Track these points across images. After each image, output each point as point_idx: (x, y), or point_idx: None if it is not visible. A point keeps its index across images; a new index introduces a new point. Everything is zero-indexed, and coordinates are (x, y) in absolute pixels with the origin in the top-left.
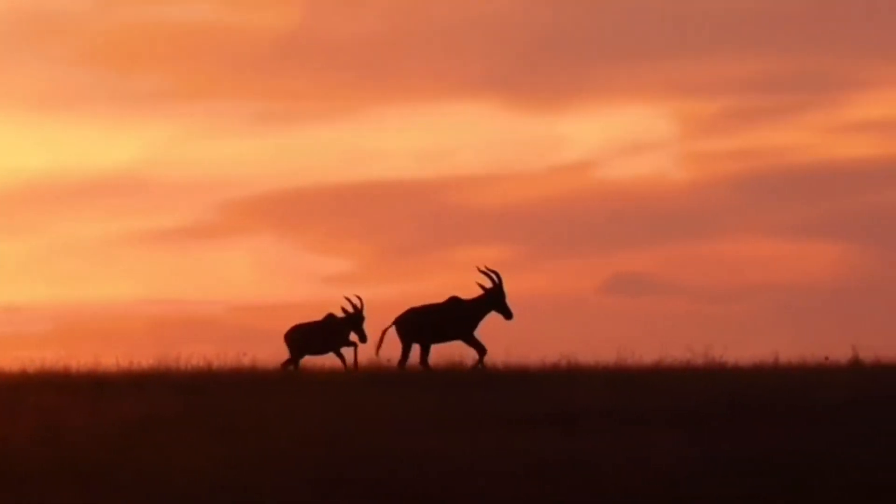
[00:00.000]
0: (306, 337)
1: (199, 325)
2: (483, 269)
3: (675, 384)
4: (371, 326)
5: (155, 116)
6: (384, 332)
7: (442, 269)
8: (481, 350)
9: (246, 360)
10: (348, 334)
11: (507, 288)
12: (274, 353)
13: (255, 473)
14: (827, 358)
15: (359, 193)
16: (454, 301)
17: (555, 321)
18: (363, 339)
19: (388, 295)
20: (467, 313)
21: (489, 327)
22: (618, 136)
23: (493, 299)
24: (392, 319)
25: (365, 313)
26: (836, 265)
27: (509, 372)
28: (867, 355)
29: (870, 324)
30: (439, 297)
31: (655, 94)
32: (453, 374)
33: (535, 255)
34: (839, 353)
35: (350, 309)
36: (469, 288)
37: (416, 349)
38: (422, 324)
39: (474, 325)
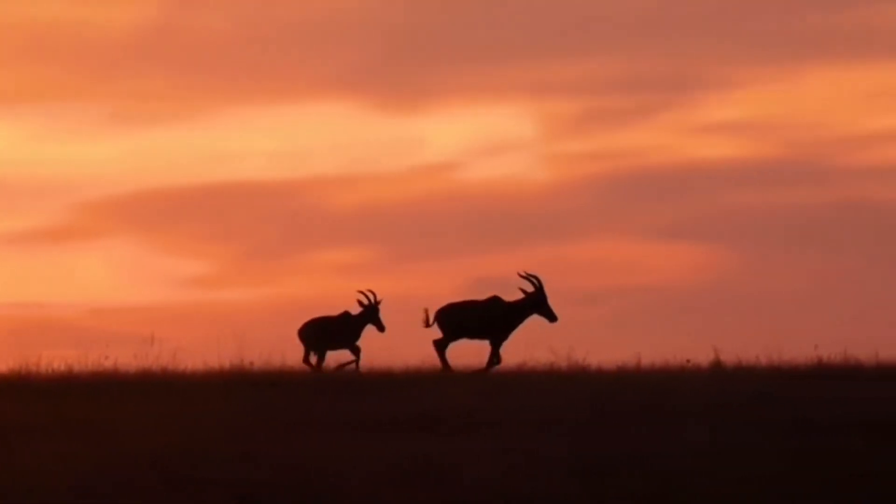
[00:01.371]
0: (319, 331)
1: (58, 329)
2: (523, 273)
3: (538, 386)
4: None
5: (5, 117)
6: (427, 315)
7: (301, 272)
8: (496, 358)
9: (107, 364)
10: (362, 329)
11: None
12: (134, 355)
13: (116, 476)
14: (689, 361)
15: (216, 195)
16: (495, 300)
17: (416, 324)
18: (382, 328)
19: (248, 298)
20: (507, 314)
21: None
22: (479, 137)
23: (534, 303)
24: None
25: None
26: (696, 267)
27: (374, 375)
28: (728, 357)
29: (730, 326)
30: (303, 299)
31: (516, 94)
32: (319, 379)
33: (396, 258)
34: (701, 355)
35: (365, 302)
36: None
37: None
38: (461, 318)
39: (512, 328)
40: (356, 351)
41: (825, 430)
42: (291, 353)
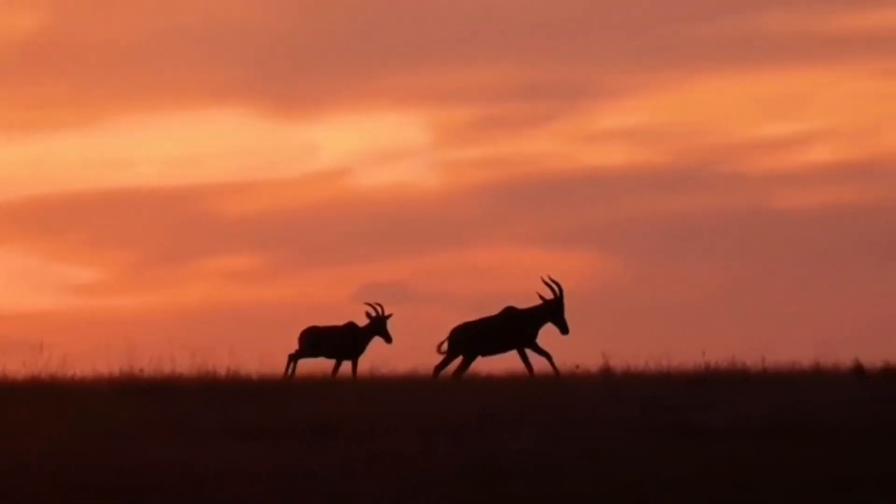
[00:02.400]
0: (319, 339)
1: None
2: (546, 279)
3: (429, 393)
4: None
5: None
6: (440, 346)
7: (194, 279)
8: (547, 356)
9: None
10: (368, 341)
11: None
12: (23, 362)
13: (4, 484)
14: (578, 366)
15: (110, 202)
16: (509, 312)
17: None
18: (389, 340)
19: (140, 305)
20: (524, 323)
21: (252, 337)
22: (372, 144)
23: (552, 311)
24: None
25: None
26: (586, 273)
27: (265, 382)
28: (617, 363)
29: (620, 331)
30: (195, 306)
31: (409, 101)
32: (212, 387)
33: (289, 264)
34: (590, 361)
35: (373, 314)
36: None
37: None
38: (476, 337)
39: (533, 335)
40: (355, 366)
41: (713, 434)
42: (181, 360)
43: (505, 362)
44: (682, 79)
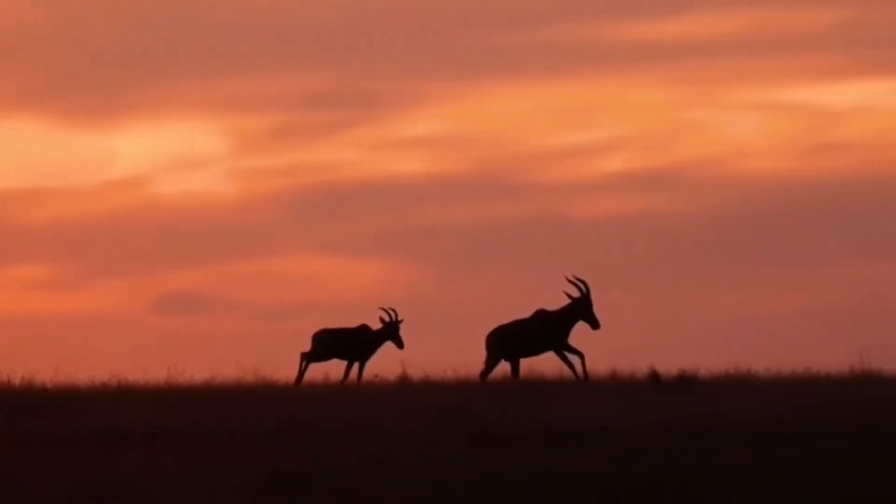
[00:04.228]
0: (333, 341)
1: None
2: (571, 278)
3: (226, 402)
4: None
5: None
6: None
7: None
8: (579, 355)
9: None
10: (379, 346)
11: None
12: None
13: None
14: (377, 375)
15: None
16: (542, 314)
17: (105, 340)
18: (401, 346)
19: None
20: (556, 324)
21: (47, 347)
22: (169, 152)
23: (580, 309)
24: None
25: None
26: (385, 281)
27: (58, 391)
28: (415, 371)
29: (419, 339)
30: None
31: (206, 110)
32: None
33: (85, 273)
34: (389, 369)
35: (387, 319)
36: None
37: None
38: (511, 340)
39: (565, 335)
40: (362, 369)
41: (509, 442)
42: None
43: (294, 370)
44: (479, 88)
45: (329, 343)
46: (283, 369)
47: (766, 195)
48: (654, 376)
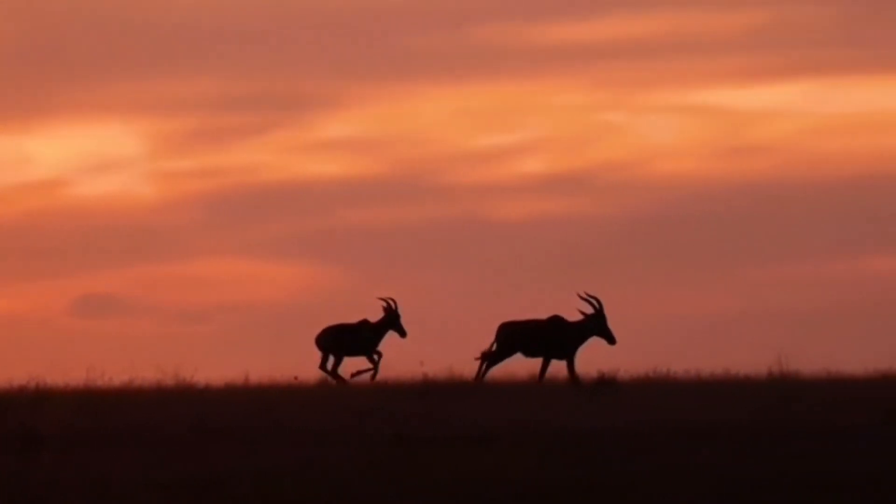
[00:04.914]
0: (337, 338)
1: None
2: (584, 295)
3: (145, 405)
4: None
5: None
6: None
7: None
8: (573, 375)
9: None
10: (382, 336)
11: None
12: None
13: None
14: (296, 377)
15: None
16: (556, 320)
17: (23, 343)
18: (403, 334)
19: None
20: (567, 334)
21: None
22: (87, 154)
23: (595, 325)
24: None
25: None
26: (304, 283)
27: None
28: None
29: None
30: None
31: (124, 112)
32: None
33: (1, 276)
34: (308, 372)
35: (388, 308)
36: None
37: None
38: (521, 336)
39: (573, 349)
40: (374, 358)
41: (429, 444)
42: None
43: (223, 372)
44: (397, 90)
45: (334, 341)
46: (204, 371)
47: (683, 197)
48: (574, 378)
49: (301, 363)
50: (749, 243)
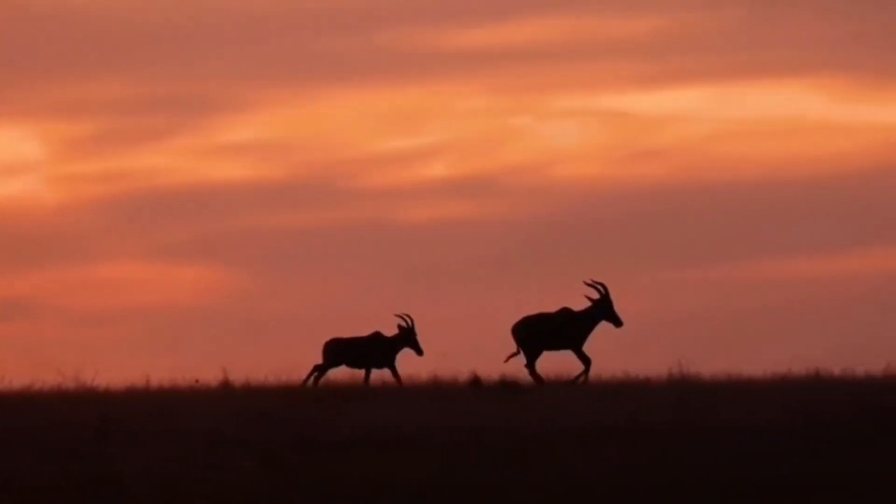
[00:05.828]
0: (343, 350)
1: None
2: (590, 281)
3: (45, 407)
4: None
5: None
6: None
7: None
8: (587, 362)
9: None
10: (397, 351)
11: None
12: None
13: None
14: (197, 381)
15: None
16: (566, 312)
17: None
18: (420, 352)
19: None
20: (579, 324)
21: None
22: None
23: (602, 310)
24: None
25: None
26: (205, 287)
27: None
28: (237, 377)
29: (239, 346)
30: None
31: (25, 115)
32: None
33: None
34: (210, 375)
35: (403, 325)
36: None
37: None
38: (537, 330)
39: (585, 336)
40: (395, 373)
41: (330, 448)
42: None
43: (124, 375)
44: (302, 94)
45: (338, 353)
46: (105, 374)
47: (585, 201)
48: (476, 381)
49: (202, 366)
50: (649, 247)
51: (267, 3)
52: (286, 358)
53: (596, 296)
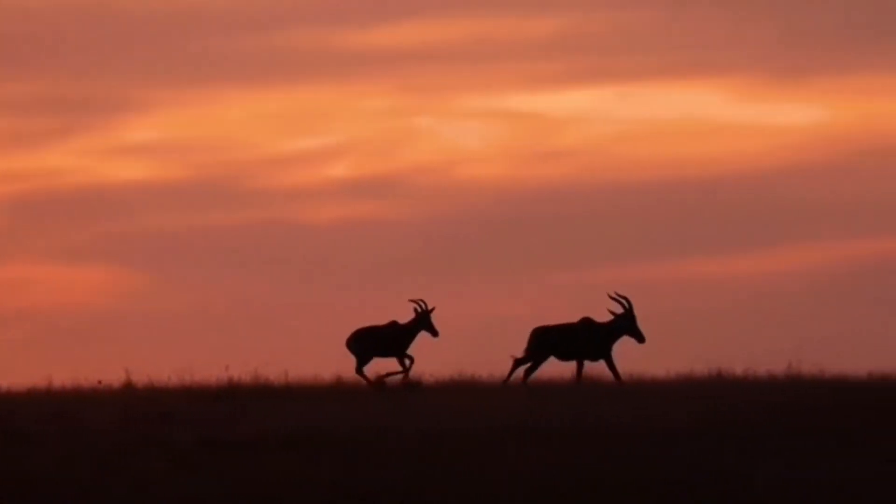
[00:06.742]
0: (368, 341)
1: None
2: (614, 295)
3: None
4: None
5: None
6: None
7: None
8: (615, 372)
9: None
10: (414, 336)
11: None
12: None
13: None
14: (100, 382)
15: None
16: (586, 322)
17: None
18: (435, 334)
19: None
20: (598, 335)
21: None
22: None
23: (624, 324)
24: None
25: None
26: (107, 288)
27: None
28: (140, 378)
29: (141, 347)
30: None
31: None
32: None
33: None
34: (113, 376)
35: (419, 309)
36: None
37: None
38: (554, 339)
39: (606, 348)
40: (405, 361)
41: (236, 448)
42: None
43: (25, 377)
44: (202, 94)
45: (365, 343)
46: (5, 376)
47: (488, 201)
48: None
49: (105, 367)
50: (553, 247)
51: (167, 3)
52: (188, 358)
53: (619, 310)
